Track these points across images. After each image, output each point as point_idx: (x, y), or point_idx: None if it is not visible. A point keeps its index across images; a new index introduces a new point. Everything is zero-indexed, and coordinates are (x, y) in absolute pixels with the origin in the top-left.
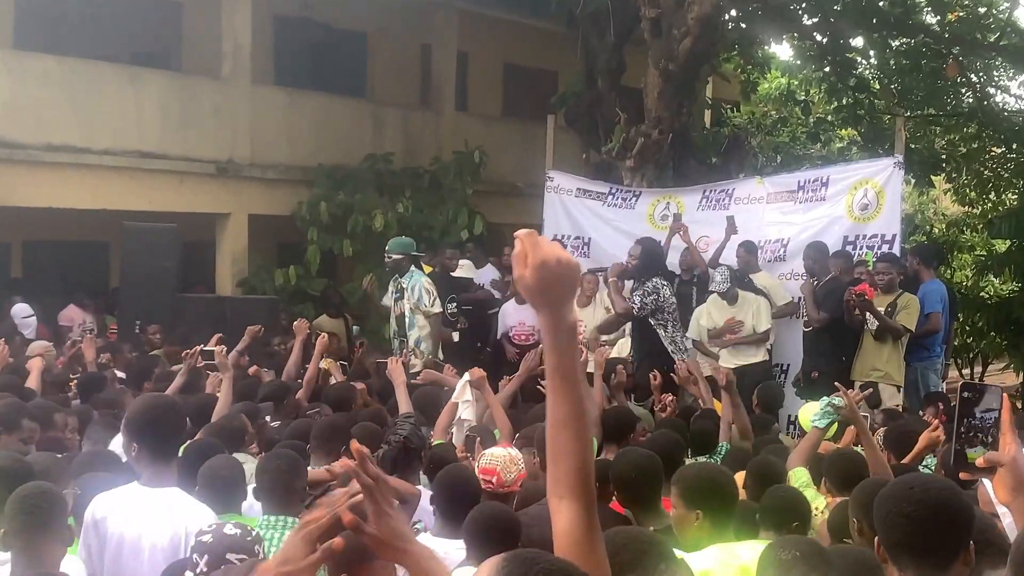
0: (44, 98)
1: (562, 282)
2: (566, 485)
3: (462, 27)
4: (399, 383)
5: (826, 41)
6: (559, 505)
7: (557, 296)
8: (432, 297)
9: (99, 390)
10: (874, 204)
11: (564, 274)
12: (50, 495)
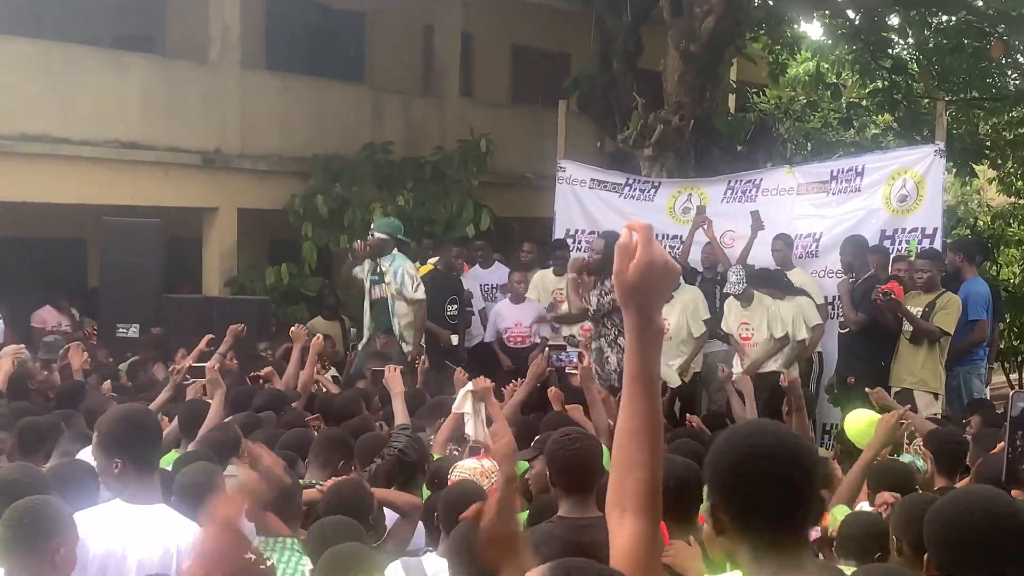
0: (19, 84)
1: (661, 286)
2: (633, 498)
3: (467, 7)
4: (396, 392)
5: (860, 19)
6: (621, 518)
7: (652, 299)
8: (415, 283)
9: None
10: (913, 195)
11: (665, 278)
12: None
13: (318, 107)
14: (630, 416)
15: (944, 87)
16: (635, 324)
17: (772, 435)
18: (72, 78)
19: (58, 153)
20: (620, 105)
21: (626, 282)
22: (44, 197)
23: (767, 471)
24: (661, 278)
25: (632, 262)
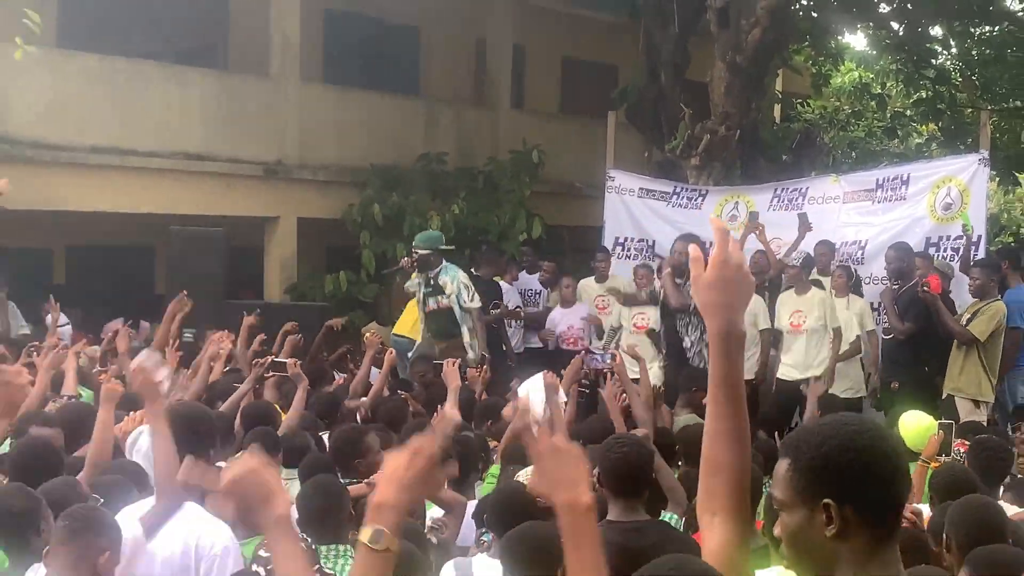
0: (87, 98)
1: (742, 291)
2: (722, 501)
3: (518, 20)
4: (453, 386)
5: (903, 30)
6: (711, 521)
7: (733, 302)
8: (471, 292)
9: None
10: (958, 203)
11: (743, 280)
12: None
13: (374, 119)
14: (716, 419)
15: (987, 97)
16: (717, 328)
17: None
18: (138, 92)
19: (126, 165)
20: (667, 116)
21: (702, 283)
22: (112, 207)
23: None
24: (737, 280)
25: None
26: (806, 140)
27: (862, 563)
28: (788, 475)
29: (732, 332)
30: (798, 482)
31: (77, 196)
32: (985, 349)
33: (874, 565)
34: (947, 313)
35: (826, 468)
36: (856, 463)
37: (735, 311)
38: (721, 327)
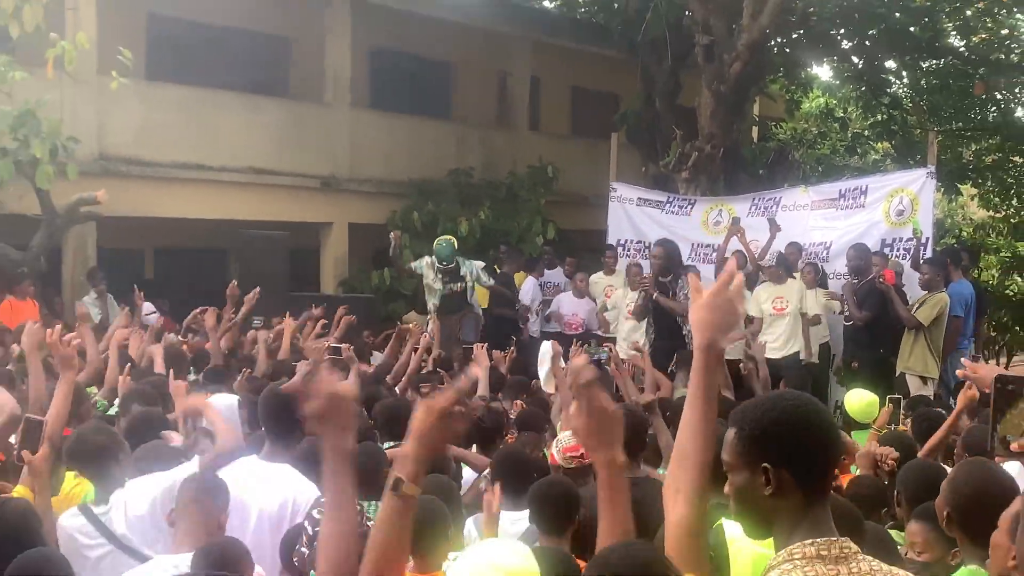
0: (172, 122)
1: (728, 316)
2: (688, 482)
3: (535, 56)
4: (483, 366)
5: (862, 63)
6: (676, 497)
7: (720, 324)
8: (488, 275)
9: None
10: (909, 210)
11: (733, 312)
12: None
13: (413, 139)
14: (693, 418)
15: (934, 120)
16: (703, 343)
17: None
18: (214, 116)
19: (204, 178)
20: (661, 136)
21: (699, 304)
22: (193, 214)
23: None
24: (727, 308)
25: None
26: (780, 157)
27: (796, 519)
28: (734, 441)
29: (714, 348)
30: (742, 448)
31: (163, 205)
32: (930, 333)
33: (807, 520)
34: (899, 301)
35: (765, 436)
36: (791, 433)
37: (720, 332)
38: (706, 342)
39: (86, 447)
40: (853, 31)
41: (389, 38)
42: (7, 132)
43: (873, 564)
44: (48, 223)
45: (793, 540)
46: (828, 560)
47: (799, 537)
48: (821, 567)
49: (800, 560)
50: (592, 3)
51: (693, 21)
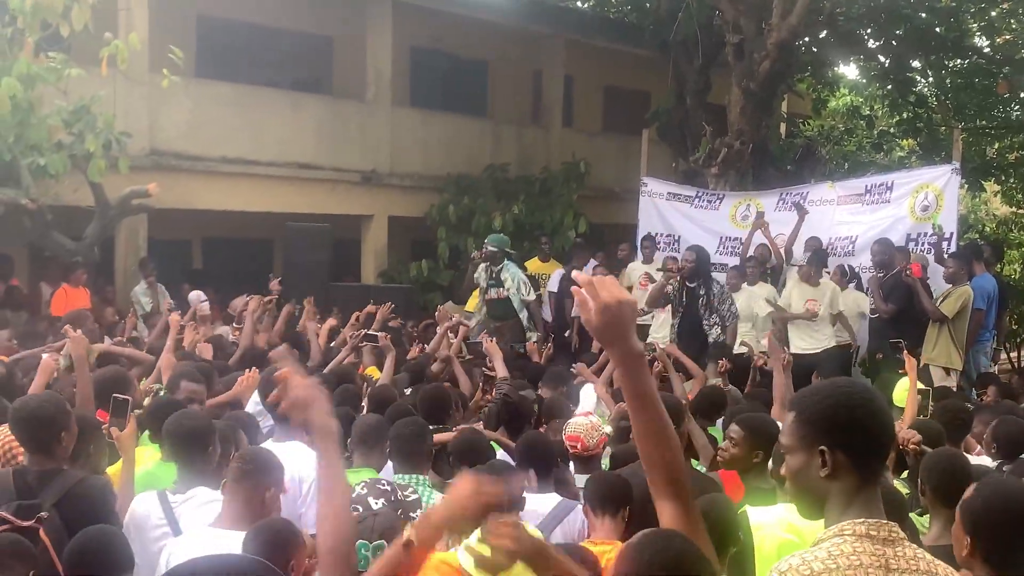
0: (220, 118)
1: (623, 319)
2: (662, 490)
3: (568, 55)
4: (497, 355)
5: (888, 62)
6: (661, 506)
7: (620, 332)
8: (528, 287)
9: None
10: (934, 206)
11: (623, 312)
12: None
13: (450, 136)
14: (639, 424)
15: (958, 117)
16: (616, 355)
17: (868, 388)
18: (260, 113)
19: (251, 172)
20: (692, 133)
21: (593, 328)
22: (240, 206)
23: (883, 422)
24: (621, 314)
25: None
26: (807, 153)
27: (849, 499)
28: (793, 425)
29: (630, 355)
30: (800, 431)
31: (211, 198)
32: (954, 325)
33: (858, 501)
34: (924, 294)
35: (823, 420)
36: (848, 417)
37: (626, 339)
38: (620, 355)
39: (179, 430)
40: (879, 30)
41: (428, 38)
42: (63, 127)
43: (918, 552)
44: (101, 215)
45: (845, 518)
46: (876, 541)
47: (851, 516)
48: (869, 545)
49: (851, 536)
50: (624, 3)
51: (723, 21)
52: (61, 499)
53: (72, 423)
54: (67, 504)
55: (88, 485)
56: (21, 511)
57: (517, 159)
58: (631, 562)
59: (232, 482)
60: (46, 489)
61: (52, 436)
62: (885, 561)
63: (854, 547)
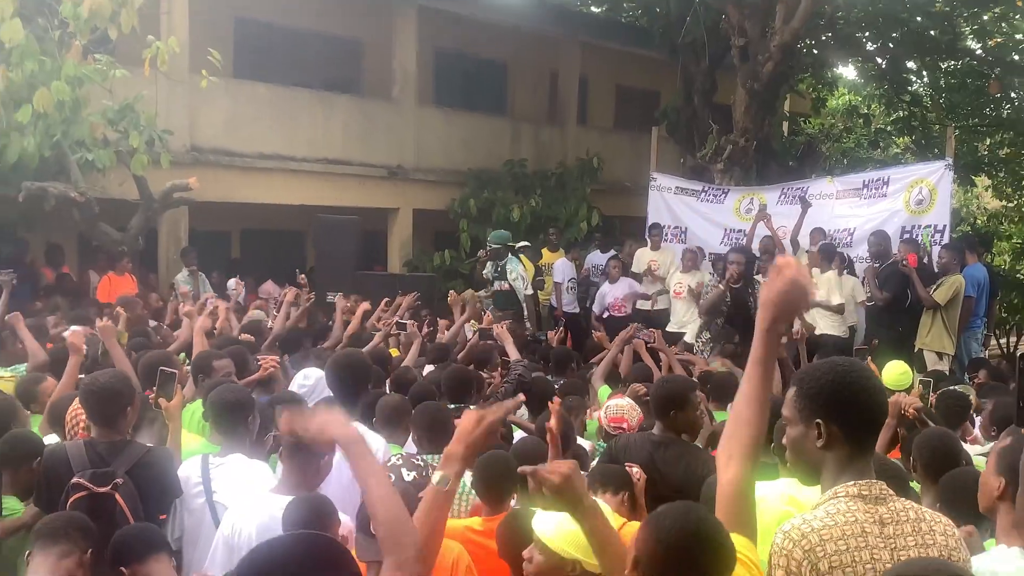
0: (256, 116)
1: (794, 301)
2: (742, 447)
3: (583, 57)
4: (507, 340)
5: (885, 64)
6: (728, 463)
7: (791, 310)
8: (526, 283)
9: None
10: (928, 200)
11: (798, 295)
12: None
13: (471, 133)
14: (751, 387)
15: (951, 116)
16: (768, 322)
17: (864, 368)
18: (293, 112)
19: (284, 168)
20: (699, 130)
21: (772, 286)
22: (274, 199)
23: (876, 400)
24: (797, 296)
25: (779, 286)
26: (808, 150)
27: (842, 467)
28: (794, 399)
29: (778, 328)
30: (800, 405)
31: (248, 191)
32: (947, 312)
33: (850, 470)
34: (919, 282)
35: (820, 395)
36: (843, 394)
37: (785, 316)
38: (769, 323)
39: (221, 401)
40: (877, 34)
41: (450, 40)
42: (109, 125)
43: (907, 504)
44: (145, 207)
45: (838, 484)
46: (869, 499)
47: (843, 481)
48: (862, 504)
49: (844, 497)
50: (636, 8)
51: (729, 25)
52: (132, 468)
53: (136, 399)
54: (137, 472)
55: (155, 455)
56: (97, 478)
57: (534, 155)
58: (653, 529)
59: (288, 452)
60: (117, 459)
61: (119, 410)
62: (879, 517)
63: (848, 506)
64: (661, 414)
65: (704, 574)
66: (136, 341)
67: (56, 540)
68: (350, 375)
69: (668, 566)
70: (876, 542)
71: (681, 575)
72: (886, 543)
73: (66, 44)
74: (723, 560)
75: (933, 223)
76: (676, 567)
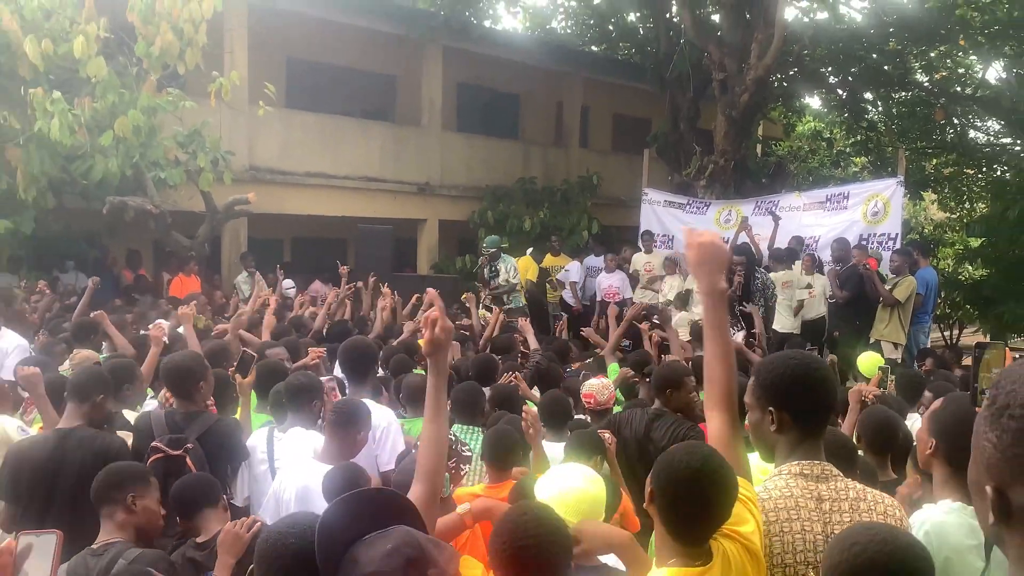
0: (305, 141)
1: (717, 257)
2: (717, 401)
3: (584, 89)
4: (529, 332)
5: (845, 95)
6: (712, 415)
7: (714, 267)
8: (515, 272)
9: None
10: (882, 212)
11: (718, 251)
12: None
13: (489, 155)
14: (710, 347)
15: (902, 139)
16: (706, 288)
17: (813, 358)
18: (337, 137)
19: (329, 184)
20: (684, 152)
21: (690, 260)
22: (320, 211)
23: (823, 389)
24: (712, 252)
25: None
26: (779, 169)
27: (791, 449)
28: (752, 387)
29: (716, 289)
30: (757, 393)
31: (298, 204)
32: (902, 308)
33: (800, 450)
34: (880, 284)
35: (772, 386)
36: (791, 385)
37: (715, 274)
38: (708, 286)
39: (296, 384)
40: (838, 69)
41: (471, 75)
42: (179, 148)
43: (849, 484)
44: (210, 218)
45: (787, 463)
46: (810, 478)
47: (792, 460)
48: (802, 482)
49: (787, 475)
50: (630, 47)
51: (711, 61)
52: (202, 434)
53: (209, 375)
54: (207, 438)
55: (223, 423)
56: (172, 443)
57: (543, 173)
58: (665, 465)
59: (330, 426)
60: (190, 426)
61: (193, 385)
62: (817, 494)
63: (787, 482)
64: (659, 392)
65: (709, 504)
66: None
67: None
68: (359, 358)
69: (677, 497)
70: (810, 515)
71: (689, 505)
72: (820, 517)
73: (142, 79)
74: (725, 492)
75: (887, 232)
76: (685, 499)
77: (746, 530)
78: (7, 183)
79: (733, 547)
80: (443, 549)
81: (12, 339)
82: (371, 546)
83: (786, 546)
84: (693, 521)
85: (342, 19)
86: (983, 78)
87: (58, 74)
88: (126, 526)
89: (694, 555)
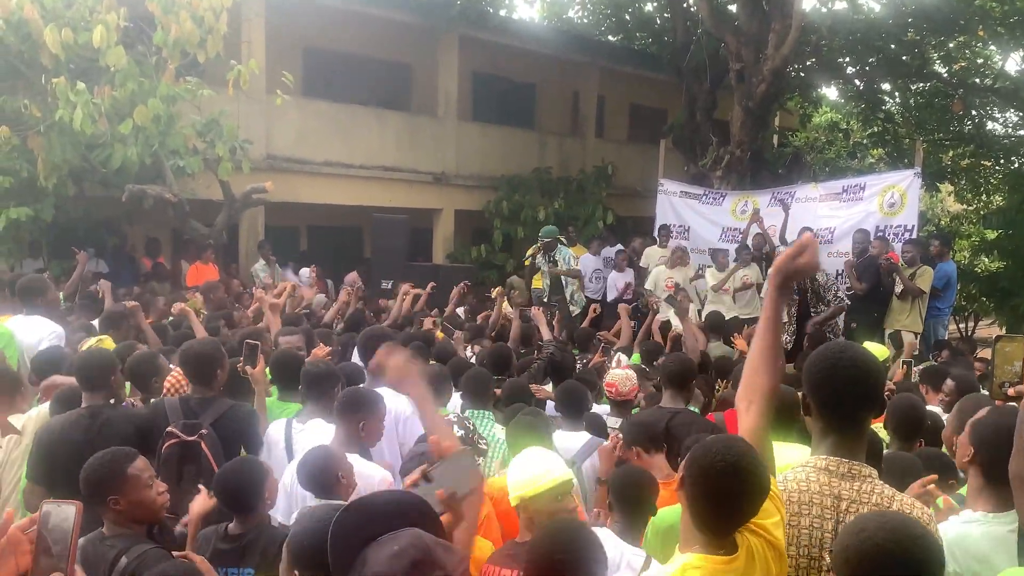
0: (322, 130)
1: (807, 273)
2: (759, 394)
3: (600, 79)
4: (541, 321)
5: (862, 85)
6: (748, 408)
7: (799, 277)
8: (576, 260)
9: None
10: (899, 203)
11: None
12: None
13: (504, 144)
14: (762, 341)
15: (919, 131)
16: (779, 285)
17: (853, 351)
18: (353, 125)
19: (345, 173)
20: (701, 143)
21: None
22: (337, 200)
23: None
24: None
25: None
26: (795, 160)
27: (819, 439)
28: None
29: (785, 293)
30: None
31: (314, 193)
32: (922, 299)
33: (828, 440)
34: (904, 276)
35: (807, 369)
36: (817, 372)
37: (792, 278)
38: (782, 289)
39: (310, 374)
40: (856, 59)
41: (487, 65)
42: (197, 136)
43: (876, 487)
44: (228, 206)
45: (815, 454)
46: (834, 475)
47: (819, 453)
48: (824, 477)
49: (810, 468)
50: (647, 37)
51: (728, 51)
52: (217, 420)
53: (226, 362)
54: (221, 424)
55: (237, 410)
56: (186, 428)
57: (558, 163)
58: (699, 457)
59: (335, 413)
60: (206, 412)
61: (211, 371)
62: (838, 492)
63: (808, 476)
64: (670, 385)
65: (739, 502)
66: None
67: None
68: (375, 346)
69: (708, 489)
70: (823, 512)
71: (719, 500)
72: (835, 516)
73: (161, 68)
74: (757, 493)
75: (903, 223)
76: (715, 493)
77: (770, 522)
78: (28, 171)
79: (758, 542)
80: (453, 553)
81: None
82: (380, 547)
83: (790, 538)
84: (720, 515)
85: (359, 8)
86: (1002, 69)
87: (78, 63)
88: (121, 521)
89: (718, 545)
